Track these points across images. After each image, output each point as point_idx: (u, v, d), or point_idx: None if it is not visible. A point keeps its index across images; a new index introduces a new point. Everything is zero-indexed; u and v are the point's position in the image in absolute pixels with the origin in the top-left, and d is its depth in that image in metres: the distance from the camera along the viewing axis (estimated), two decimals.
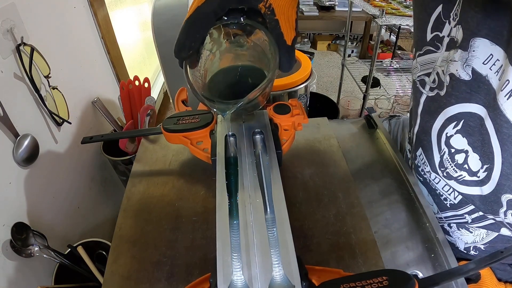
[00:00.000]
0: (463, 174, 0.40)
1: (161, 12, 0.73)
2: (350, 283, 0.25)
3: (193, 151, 0.45)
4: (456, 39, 0.36)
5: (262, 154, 0.40)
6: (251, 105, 0.37)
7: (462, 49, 0.35)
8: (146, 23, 1.48)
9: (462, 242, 0.48)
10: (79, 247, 0.69)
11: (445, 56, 0.37)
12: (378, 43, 1.47)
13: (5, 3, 0.56)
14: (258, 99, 0.35)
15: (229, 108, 0.33)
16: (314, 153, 0.50)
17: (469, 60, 0.34)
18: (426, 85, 0.40)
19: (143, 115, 0.84)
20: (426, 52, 0.40)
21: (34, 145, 0.63)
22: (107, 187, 0.96)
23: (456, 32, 0.35)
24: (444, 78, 0.37)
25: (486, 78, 0.33)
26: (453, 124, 0.38)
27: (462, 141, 0.38)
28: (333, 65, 2.71)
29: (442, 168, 0.42)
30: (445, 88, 0.37)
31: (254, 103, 0.36)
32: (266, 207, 0.34)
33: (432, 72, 0.40)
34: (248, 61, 0.38)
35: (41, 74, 0.64)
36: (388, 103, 1.76)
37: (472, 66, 0.34)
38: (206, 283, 0.29)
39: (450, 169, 0.41)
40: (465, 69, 0.35)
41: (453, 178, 0.41)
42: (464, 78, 0.35)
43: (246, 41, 0.36)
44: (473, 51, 0.33)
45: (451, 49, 0.37)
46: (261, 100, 0.38)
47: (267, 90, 0.36)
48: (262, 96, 0.36)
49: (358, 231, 0.38)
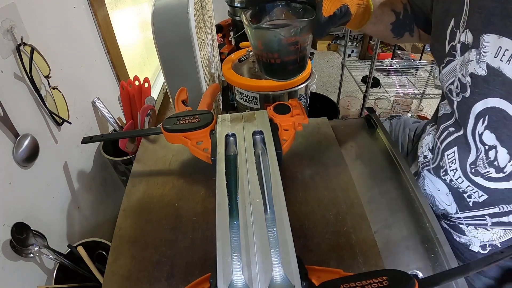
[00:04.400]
0: (491, 171, 0.42)
1: (161, 12, 0.73)
2: (350, 283, 0.25)
3: (193, 151, 0.45)
4: (467, 42, 0.39)
5: (262, 154, 0.40)
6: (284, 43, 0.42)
7: (475, 48, 0.38)
8: (146, 23, 1.48)
9: (478, 240, 0.49)
10: (79, 247, 0.69)
11: (461, 60, 0.41)
12: (378, 43, 1.47)
13: (5, 3, 0.56)
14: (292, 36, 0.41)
15: (256, 25, 0.43)
16: (314, 153, 0.50)
17: (482, 56, 0.37)
18: (453, 93, 0.43)
19: (143, 115, 0.84)
20: (447, 63, 0.44)
21: (34, 145, 0.63)
22: (107, 187, 0.96)
23: (465, 36, 0.39)
24: (465, 80, 0.40)
25: (498, 70, 0.36)
26: (481, 121, 0.40)
27: (491, 136, 0.40)
28: (333, 65, 2.71)
29: (472, 165, 0.44)
30: (469, 88, 0.40)
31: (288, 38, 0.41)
32: (266, 207, 0.34)
33: (455, 80, 0.43)
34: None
35: (41, 74, 0.64)
36: (388, 103, 1.76)
37: (486, 61, 0.37)
38: (206, 283, 0.29)
39: (481, 167, 0.42)
40: (480, 65, 0.38)
41: (479, 175, 0.43)
42: (481, 74, 0.38)
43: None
44: (484, 47, 0.36)
45: (465, 52, 0.40)
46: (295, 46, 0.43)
47: (302, 40, 0.42)
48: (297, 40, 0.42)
49: (358, 231, 0.38)
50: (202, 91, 0.82)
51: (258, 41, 0.43)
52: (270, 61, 0.44)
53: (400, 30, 0.52)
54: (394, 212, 0.48)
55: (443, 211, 0.52)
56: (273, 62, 0.44)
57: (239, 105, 0.91)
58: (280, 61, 0.44)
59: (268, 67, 0.46)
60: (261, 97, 0.81)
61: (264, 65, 0.46)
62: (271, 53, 0.43)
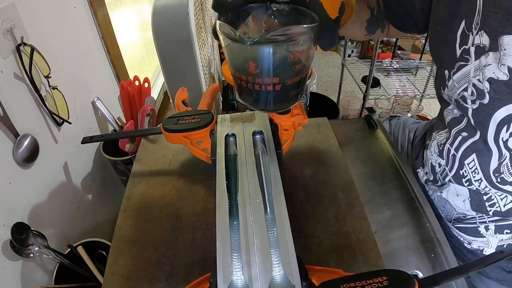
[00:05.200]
0: None
1: (161, 12, 0.73)
2: (350, 283, 0.25)
3: (193, 151, 0.45)
4: (482, 45, 0.36)
5: (262, 154, 0.40)
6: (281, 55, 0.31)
7: (493, 50, 0.35)
8: (146, 23, 1.48)
9: (496, 239, 0.48)
10: (79, 247, 0.69)
11: (476, 65, 0.38)
12: (378, 43, 1.47)
13: (5, 3, 0.56)
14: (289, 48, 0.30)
15: (255, 37, 0.29)
16: (314, 153, 0.50)
17: (502, 59, 0.35)
18: (468, 100, 0.41)
19: (143, 115, 0.84)
20: (458, 68, 0.41)
21: (34, 145, 0.63)
22: (107, 187, 0.96)
23: (480, 38, 0.36)
24: (483, 85, 0.38)
25: None
26: (505, 128, 0.38)
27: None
28: (333, 65, 2.71)
29: (496, 173, 0.41)
30: (487, 94, 0.38)
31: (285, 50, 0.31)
32: (266, 207, 0.34)
33: (468, 86, 0.40)
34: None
35: (41, 74, 0.64)
36: (388, 103, 1.76)
37: (507, 64, 0.34)
38: (206, 283, 0.29)
39: (506, 174, 0.40)
40: (501, 69, 0.35)
41: (508, 183, 0.41)
42: (502, 78, 0.35)
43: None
44: (504, 49, 0.34)
45: (481, 56, 0.37)
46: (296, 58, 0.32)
47: (303, 51, 0.32)
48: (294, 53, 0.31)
49: (358, 231, 0.38)
50: (202, 91, 0.82)
51: (251, 63, 0.31)
52: (265, 88, 0.33)
53: (374, 27, 0.51)
54: (394, 212, 0.48)
55: (461, 215, 0.50)
56: (271, 90, 0.33)
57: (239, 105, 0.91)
58: (280, 87, 0.33)
59: (261, 97, 0.34)
60: None
61: (256, 96, 0.34)
62: (269, 77, 0.32)
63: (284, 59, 0.31)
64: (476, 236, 0.49)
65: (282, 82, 0.33)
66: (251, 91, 0.34)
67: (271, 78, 0.32)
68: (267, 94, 0.33)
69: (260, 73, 0.32)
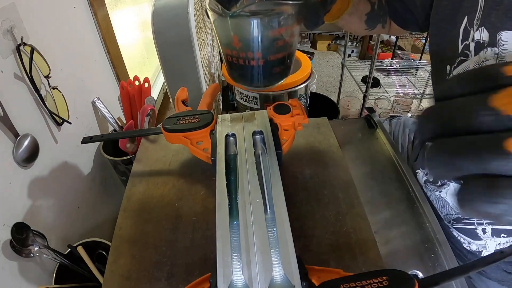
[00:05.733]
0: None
1: (161, 12, 0.73)
2: (350, 283, 0.25)
3: (193, 151, 0.45)
4: (482, 41, 0.37)
5: (262, 154, 0.40)
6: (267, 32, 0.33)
7: (491, 46, 0.36)
8: (146, 23, 1.48)
9: (494, 243, 0.48)
10: (79, 247, 0.69)
11: (475, 60, 0.38)
12: (378, 43, 1.47)
13: (5, 3, 0.56)
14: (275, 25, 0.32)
15: (236, 10, 0.30)
16: (314, 153, 0.50)
17: (500, 55, 0.35)
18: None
19: (143, 115, 0.84)
20: (459, 63, 0.41)
21: (34, 145, 0.63)
22: (107, 187, 0.96)
23: (480, 34, 0.37)
24: None
25: None
26: None
27: None
28: (333, 65, 2.71)
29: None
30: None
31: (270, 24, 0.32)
32: (266, 207, 0.34)
33: None
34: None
35: (41, 74, 0.64)
36: (388, 103, 1.76)
37: (505, 60, 0.35)
38: (206, 283, 0.29)
39: None
40: None
41: None
42: None
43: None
44: (502, 45, 0.35)
45: (479, 51, 0.37)
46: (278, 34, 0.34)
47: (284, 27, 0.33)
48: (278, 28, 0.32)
49: (358, 231, 0.38)
50: (202, 91, 0.82)
51: (234, 36, 0.33)
52: (249, 63, 0.34)
53: (374, 21, 0.51)
54: (394, 212, 0.48)
55: (458, 215, 0.51)
56: (254, 65, 0.35)
57: (239, 105, 0.91)
58: (263, 62, 0.35)
59: (245, 71, 0.36)
60: (261, 97, 0.81)
61: (240, 69, 0.36)
62: (251, 51, 0.33)
63: (266, 33, 0.32)
64: (474, 239, 0.49)
65: (265, 58, 0.34)
66: (236, 66, 0.35)
67: (254, 52, 0.34)
68: (251, 69, 0.35)
69: (243, 47, 0.33)
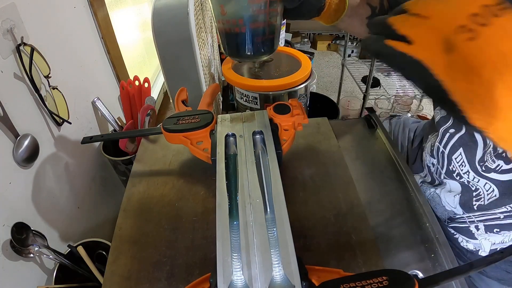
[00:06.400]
0: (500, 164, 0.41)
1: (161, 12, 0.73)
2: (350, 283, 0.25)
3: (193, 151, 0.45)
4: None
5: (262, 154, 0.40)
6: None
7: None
8: (146, 23, 1.48)
9: (489, 243, 0.49)
10: (79, 247, 0.69)
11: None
12: None
13: (5, 3, 0.56)
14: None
15: None
16: (314, 153, 0.50)
17: None
18: None
19: (143, 115, 0.84)
20: None
21: (34, 145, 0.63)
22: (107, 187, 0.96)
23: None
24: None
25: None
26: None
27: None
28: (333, 65, 2.71)
29: (481, 162, 0.44)
30: None
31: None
32: (266, 207, 0.34)
33: None
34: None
35: (41, 74, 0.64)
36: (388, 103, 1.76)
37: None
38: (206, 283, 0.29)
39: (489, 161, 0.42)
40: None
41: (492, 170, 0.43)
42: None
43: None
44: None
45: None
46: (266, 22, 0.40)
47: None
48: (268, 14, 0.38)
49: (358, 231, 0.38)
50: (202, 91, 0.82)
51: (221, 6, 0.38)
52: (234, 30, 0.39)
53: None
54: (394, 212, 0.48)
55: (450, 213, 0.52)
56: (238, 32, 0.40)
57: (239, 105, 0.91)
58: (245, 29, 0.39)
59: (232, 40, 0.41)
60: (261, 97, 0.81)
61: (228, 38, 0.41)
62: (235, 19, 0.38)
63: (246, 4, 0.37)
64: (469, 237, 0.50)
65: (245, 25, 0.39)
66: (225, 35, 0.40)
67: (236, 19, 0.38)
68: (236, 37, 0.40)
69: (228, 15, 0.38)
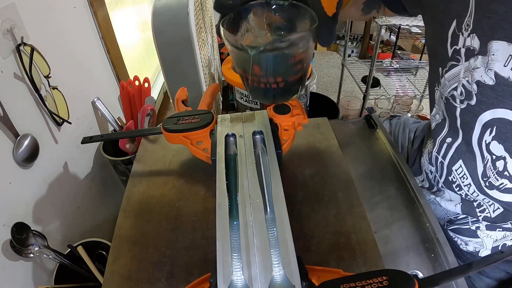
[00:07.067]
0: (505, 182, 0.39)
1: (161, 12, 0.73)
2: (350, 283, 0.25)
3: (193, 151, 0.45)
4: (472, 47, 0.36)
5: (262, 154, 0.40)
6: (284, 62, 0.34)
7: (482, 54, 0.35)
8: (146, 23, 1.48)
9: (491, 240, 0.48)
10: (79, 247, 0.69)
11: (466, 66, 0.38)
12: (378, 43, 1.47)
13: (5, 3, 0.56)
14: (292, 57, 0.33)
15: (260, 46, 0.31)
16: (314, 153, 0.50)
17: (489, 64, 0.34)
18: (456, 99, 0.41)
19: (143, 115, 0.84)
20: (450, 67, 0.41)
21: (34, 145, 0.63)
22: (107, 187, 0.96)
23: (471, 41, 0.36)
24: (471, 87, 0.38)
25: (509, 80, 0.33)
26: (488, 131, 0.38)
27: (499, 147, 0.37)
28: (333, 65, 2.71)
29: (485, 178, 0.42)
30: (475, 96, 0.38)
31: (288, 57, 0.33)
32: (266, 207, 0.34)
33: (458, 85, 0.40)
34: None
35: (41, 74, 0.64)
36: (388, 103, 1.76)
37: (494, 70, 0.34)
38: (206, 283, 0.29)
39: (493, 178, 0.40)
40: (487, 73, 0.35)
41: (495, 188, 0.41)
42: (489, 83, 0.35)
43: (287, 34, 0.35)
44: (492, 54, 0.34)
45: (470, 58, 0.37)
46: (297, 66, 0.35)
47: (303, 53, 0.34)
48: (296, 59, 0.34)
49: (358, 231, 0.38)
50: (202, 91, 0.82)
51: (255, 66, 0.34)
52: (270, 86, 0.35)
53: (370, 8, 0.52)
54: (394, 212, 0.48)
55: (451, 216, 0.51)
56: (275, 87, 0.36)
57: (239, 105, 0.91)
58: (284, 84, 0.36)
59: (267, 93, 0.37)
60: None
61: (262, 92, 0.37)
62: (273, 77, 0.35)
63: (286, 62, 0.34)
64: (470, 236, 0.49)
65: (285, 80, 0.35)
66: (257, 88, 0.37)
67: (275, 78, 0.35)
68: (272, 90, 0.36)
69: (264, 75, 0.34)
